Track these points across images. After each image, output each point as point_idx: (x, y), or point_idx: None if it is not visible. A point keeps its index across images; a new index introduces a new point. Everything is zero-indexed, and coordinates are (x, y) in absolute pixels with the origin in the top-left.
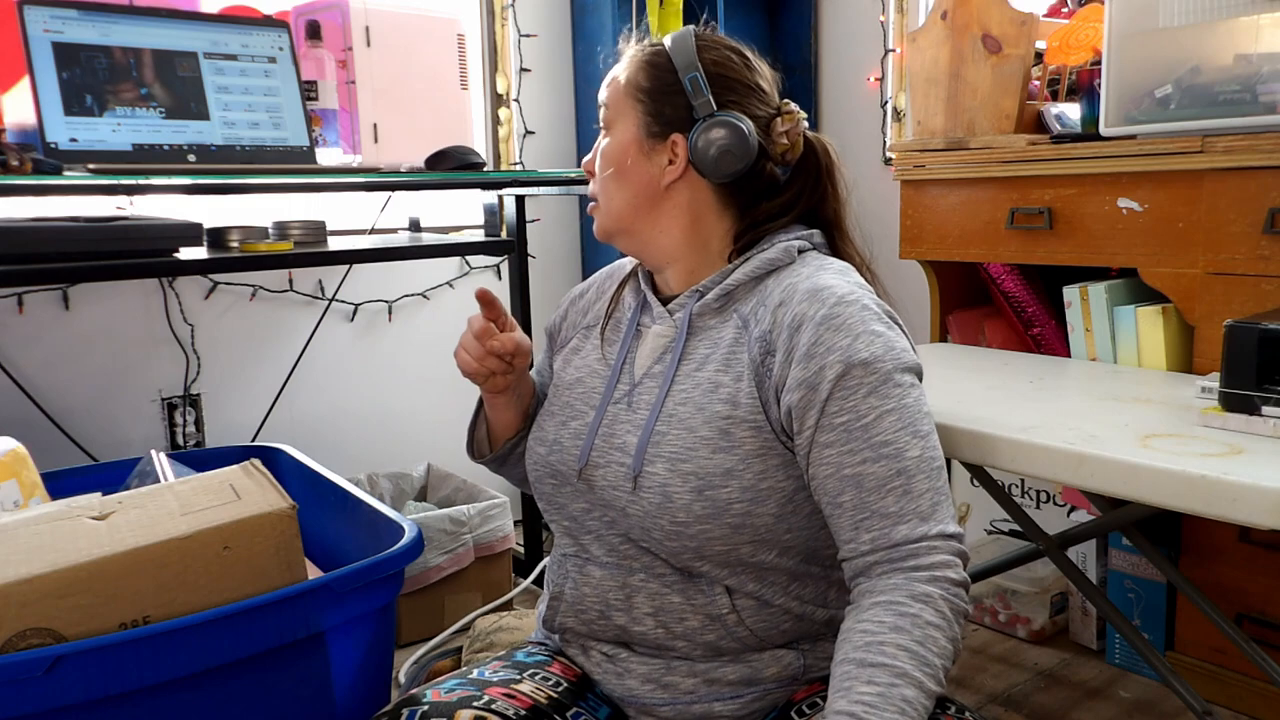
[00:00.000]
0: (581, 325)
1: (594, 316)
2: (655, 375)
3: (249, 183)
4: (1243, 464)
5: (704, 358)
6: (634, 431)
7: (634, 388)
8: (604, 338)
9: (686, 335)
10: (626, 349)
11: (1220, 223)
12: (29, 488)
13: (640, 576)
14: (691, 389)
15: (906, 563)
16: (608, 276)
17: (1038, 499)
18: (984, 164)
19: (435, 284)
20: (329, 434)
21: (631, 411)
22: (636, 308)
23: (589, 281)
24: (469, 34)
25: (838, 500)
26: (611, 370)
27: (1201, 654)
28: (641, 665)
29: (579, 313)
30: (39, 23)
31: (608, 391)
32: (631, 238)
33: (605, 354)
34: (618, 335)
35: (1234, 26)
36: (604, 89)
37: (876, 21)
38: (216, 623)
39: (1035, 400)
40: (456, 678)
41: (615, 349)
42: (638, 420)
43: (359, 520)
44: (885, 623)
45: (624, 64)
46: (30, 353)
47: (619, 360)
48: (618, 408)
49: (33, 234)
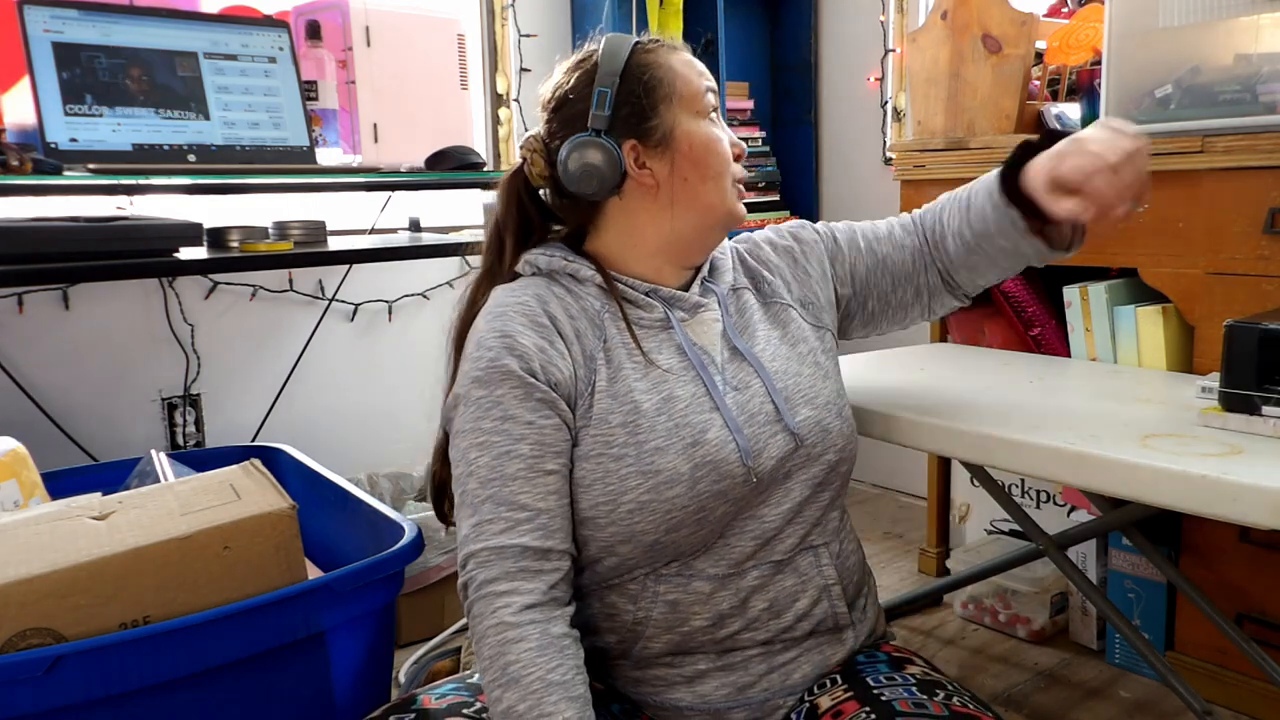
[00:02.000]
0: (584, 362)
1: (590, 348)
2: (734, 353)
3: (249, 183)
4: (1243, 464)
5: (751, 322)
6: (763, 403)
7: (724, 373)
8: (646, 356)
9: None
10: (691, 346)
11: (1220, 223)
12: (29, 488)
13: (754, 575)
14: (768, 346)
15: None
16: (552, 315)
17: (1038, 499)
18: (984, 164)
19: (435, 284)
20: (329, 434)
21: (741, 392)
22: (663, 309)
23: (521, 329)
24: (469, 34)
25: (884, 237)
26: (698, 371)
27: (1201, 654)
28: (713, 668)
29: (560, 356)
30: (39, 23)
31: (714, 390)
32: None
33: (658, 363)
34: (657, 343)
35: (1234, 26)
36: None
37: (876, 21)
38: (216, 623)
39: (1035, 400)
40: (453, 682)
41: (668, 357)
42: (754, 394)
43: (359, 520)
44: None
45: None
46: (30, 353)
47: (695, 358)
48: (730, 397)
49: (33, 234)
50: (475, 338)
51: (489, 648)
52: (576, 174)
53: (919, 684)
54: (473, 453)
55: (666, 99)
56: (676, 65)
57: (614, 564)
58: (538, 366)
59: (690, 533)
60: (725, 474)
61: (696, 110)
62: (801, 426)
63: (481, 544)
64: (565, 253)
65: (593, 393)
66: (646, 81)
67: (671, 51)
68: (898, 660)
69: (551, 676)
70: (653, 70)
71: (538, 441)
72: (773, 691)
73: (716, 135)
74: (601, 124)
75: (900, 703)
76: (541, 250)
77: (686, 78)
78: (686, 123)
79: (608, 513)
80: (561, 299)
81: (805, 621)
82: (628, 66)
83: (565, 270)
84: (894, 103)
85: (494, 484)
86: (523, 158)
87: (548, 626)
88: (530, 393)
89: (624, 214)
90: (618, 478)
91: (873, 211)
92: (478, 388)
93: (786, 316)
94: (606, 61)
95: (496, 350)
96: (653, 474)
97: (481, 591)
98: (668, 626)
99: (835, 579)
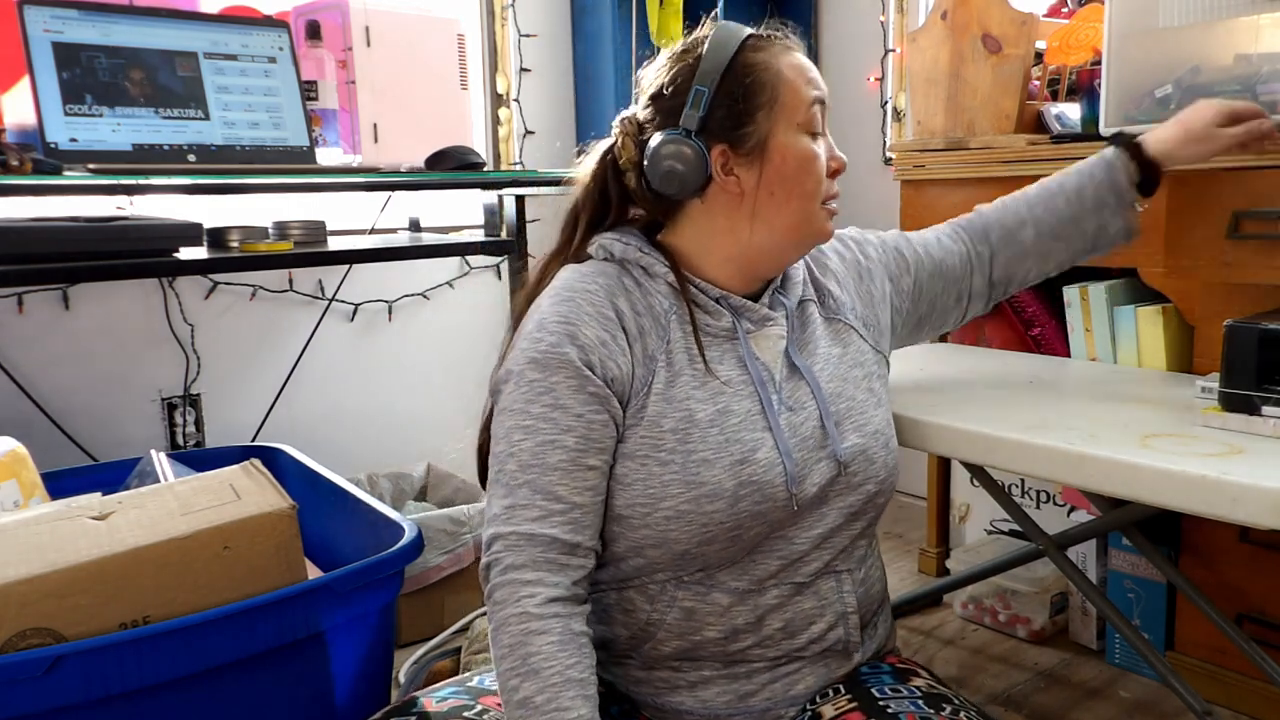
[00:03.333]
0: (644, 361)
1: (652, 348)
2: (794, 371)
3: (249, 183)
4: (1243, 464)
5: (813, 337)
6: (814, 426)
7: (780, 391)
8: (707, 365)
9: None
10: (753, 360)
11: (1221, 223)
12: (29, 488)
13: (773, 594)
14: (826, 365)
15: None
16: (619, 308)
17: (1038, 499)
18: (984, 164)
19: (435, 284)
20: (329, 434)
21: (795, 413)
22: (731, 319)
23: (586, 318)
24: (469, 34)
25: (933, 243)
26: (756, 386)
27: (1201, 654)
28: (718, 675)
29: (621, 352)
30: (39, 23)
31: (770, 409)
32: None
33: (718, 373)
34: (720, 352)
35: (1234, 26)
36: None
37: (876, 21)
38: (216, 623)
39: (1035, 400)
40: (454, 685)
41: (728, 368)
42: (807, 416)
43: (359, 520)
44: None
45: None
46: (30, 353)
47: (756, 374)
48: (784, 417)
49: (33, 234)
50: (537, 317)
51: (510, 635)
52: (661, 171)
53: (925, 697)
54: (517, 434)
55: (767, 106)
56: (785, 70)
57: (639, 565)
58: (596, 360)
59: (722, 548)
60: (768, 496)
61: (798, 123)
62: (847, 453)
63: (512, 528)
64: (641, 243)
65: (648, 393)
66: (749, 84)
67: (784, 52)
68: (903, 672)
69: (570, 673)
70: (758, 73)
71: (584, 435)
72: (775, 701)
73: (813, 153)
74: (694, 124)
75: (907, 715)
76: (617, 236)
77: (794, 86)
78: (784, 134)
79: (643, 514)
80: (630, 292)
81: (817, 644)
82: (732, 65)
83: (639, 262)
84: (894, 103)
85: (534, 470)
86: (615, 139)
87: (569, 623)
88: (584, 385)
89: (704, 216)
90: (660, 482)
91: (873, 211)
92: (533, 369)
93: (848, 336)
94: (710, 56)
95: (558, 336)
96: (696, 485)
97: (507, 576)
98: (680, 633)
99: (855, 607)
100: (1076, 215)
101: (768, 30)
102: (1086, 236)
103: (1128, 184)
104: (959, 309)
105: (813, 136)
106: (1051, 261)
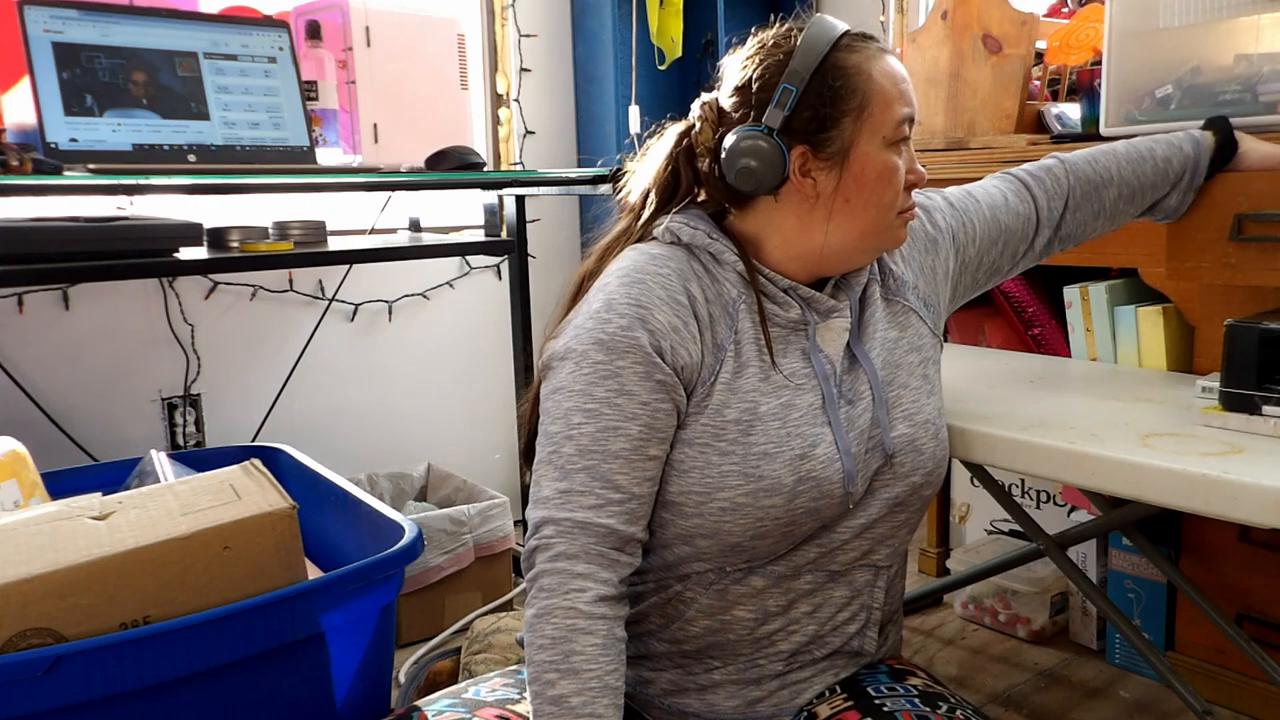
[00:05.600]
0: (713, 349)
1: (721, 337)
2: (853, 362)
3: (249, 183)
4: (1243, 463)
5: (872, 320)
6: (869, 418)
7: (840, 384)
8: (774, 356)
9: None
10: (817, 353)
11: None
12: (29, 488)
13: (807, 579)
14: (883, 350)
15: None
16: (691, 294)
17: (1038, 499)
18: (984, 164)
19: (435, 284)
20: (329, 434)
21: (853, 405)
22: (799, 310)
23: (659, 302)
24: (469, 34)
25: (1001, 205)
26: (819, 380)
27: (1201, 654)
28: (728, 680)
29: (691, 339)
30: (39, 23)
31: (830, 403)
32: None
33: (782, 366)
34: (785, 344)
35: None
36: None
37: (876, 21)
38: (216, 623)
39: (1035, 400)
40: (449, 697)
41: (792, 360)
42: (864, 407)
43: (359, 520)
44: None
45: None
46: (30, 353)
47: (820, 367)
48: (844, 411)
49: (33, 234)
50: (605, 297)
51: (554, 629)
52: (737, 167)
53: (921, 695)
54: (577, 416)
55: (854, 113)
56: (877, 77)
57: (687, 553)
58: (667, 346)
59: (774, 542)
60: (825, 493)
61: (883, 135)
62: (896, 443)
63: (567, 514)
64: (710, 228)
65: (714, 382)
66: (838, 89)
67: (878, 56)
68: (899, 672)
69: (608, 679)
70: (849, 78)
71: (648, 424)
72: (780, 708)
73: (895, 166)
74: (776, 122)
75: (903, 714)
76: (685, 220)
77: (885, 99)
78: (867, 144)
79: (697, 504)
80: (700, 278)
81: (835, 637)
82: (822, 65)
83: (708, 248)
84: None
85: (594, 455)
86: (693, 122)
87: (614, 626)
88: (652, 373)
89: (776, 212)
90: (718, 472)
91: None
92: (599, 351)
93: (907, 319)
94: (801, 55)
95: (630, 319)
96: (755, 478)
97: (557, 565)
98: (710, 612)
99: (881, 604)
100: (1155, 183)
101: (859, 32)
102: (1148, 205)
103: (1205, 168)
104: (1010, 269)
105: (895, 148)
106: (1116, 223)
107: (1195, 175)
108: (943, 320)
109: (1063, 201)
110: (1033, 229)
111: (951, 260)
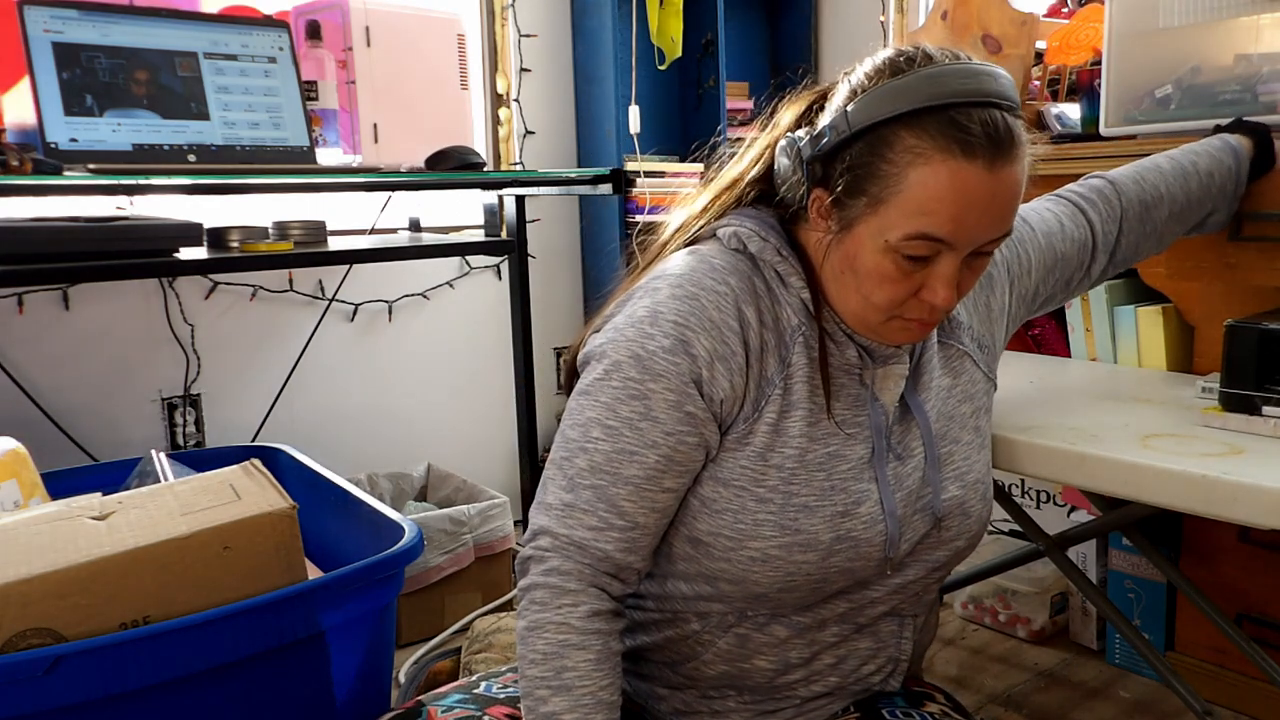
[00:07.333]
0: (759, 384)
1: (770, 370)
2: (906, 413)
3: (249, 183)
4: (1243, 464)
5: (927, 366)
6: (919, 477)
7: (890, 436)
8: (827, 401)
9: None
10: (874, 405)
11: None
12: (29, 488)
13: (833, 631)
14: (936, 400)
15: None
16: (744, 317)
17: (1038, 499)
18: None
19: (435, 284)
20: (329, 434)
21: (903, 462)
22: (857, 354)
23: (707, 325)
24: (469, 34)
25: (1056, 232)
26: (871, 432)
27: (1201, 654)
28: (743, 706)
29: (736, 371)
30: (39, 23)
31: (879, 458)
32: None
33: (835, 412)
34: (838, 388)
35: (1234, 26)
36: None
37: (876, 21)
38: (216, 623)
39: (1035, 400)
40: (461, 691)
41: (844, 407)
42: (914, 465)
43: (359, 520)
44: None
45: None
46: (30, 353)
47: (875, 418)
48: (891, 467)
49: (33, 234)
50: (652, 305)
51: (546, 643)
52: (778, 167)
53: None
54: (596, 430)
55: (872, 199)
56: (916, 179)
57: (708, 592)
58: (707, 377)
59: (801, 596)
60: (863, 555)
61: (886, 240)
62: (945, 506)
63: (567, 531)
64: (780, 242)
65: (758, 419)
66: (871, 164)
67: (950, 158)
68: (917, 695)
69: (602, 695)
70: (886, 161)
71: (668, 456)
72: None
73: (887, 275)
74: (809, 152)
75: None
76: (756, 227)
77: (907, 207)
78: (870, 237)
79: (726, 549)
80: (760, 298)
81: (858, 685)
82: (876, 129)
83: (775, 266)
84: None
85: (605, 475)
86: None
87: (609, 641)
88: (683, 403)
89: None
90: (753, 519)
91: None
92: (633, 366)
93: (961, 364)
94: (869, 103)
95: (672, 341)
96: (792, 531)
97: (550, 580)
98: (729, 659)
99: (908, 655)
100: (1202, 198)
101: (982, 103)
102: (1197, 221)
103: (1245, 179)
104: (1064, 298)
105: (898, 259)
106: (1164, 245)
107: (1239, 187)
108: (997, 361)
109: (1116, 225)
110: (1089, 255)
111: (1009, 296)
